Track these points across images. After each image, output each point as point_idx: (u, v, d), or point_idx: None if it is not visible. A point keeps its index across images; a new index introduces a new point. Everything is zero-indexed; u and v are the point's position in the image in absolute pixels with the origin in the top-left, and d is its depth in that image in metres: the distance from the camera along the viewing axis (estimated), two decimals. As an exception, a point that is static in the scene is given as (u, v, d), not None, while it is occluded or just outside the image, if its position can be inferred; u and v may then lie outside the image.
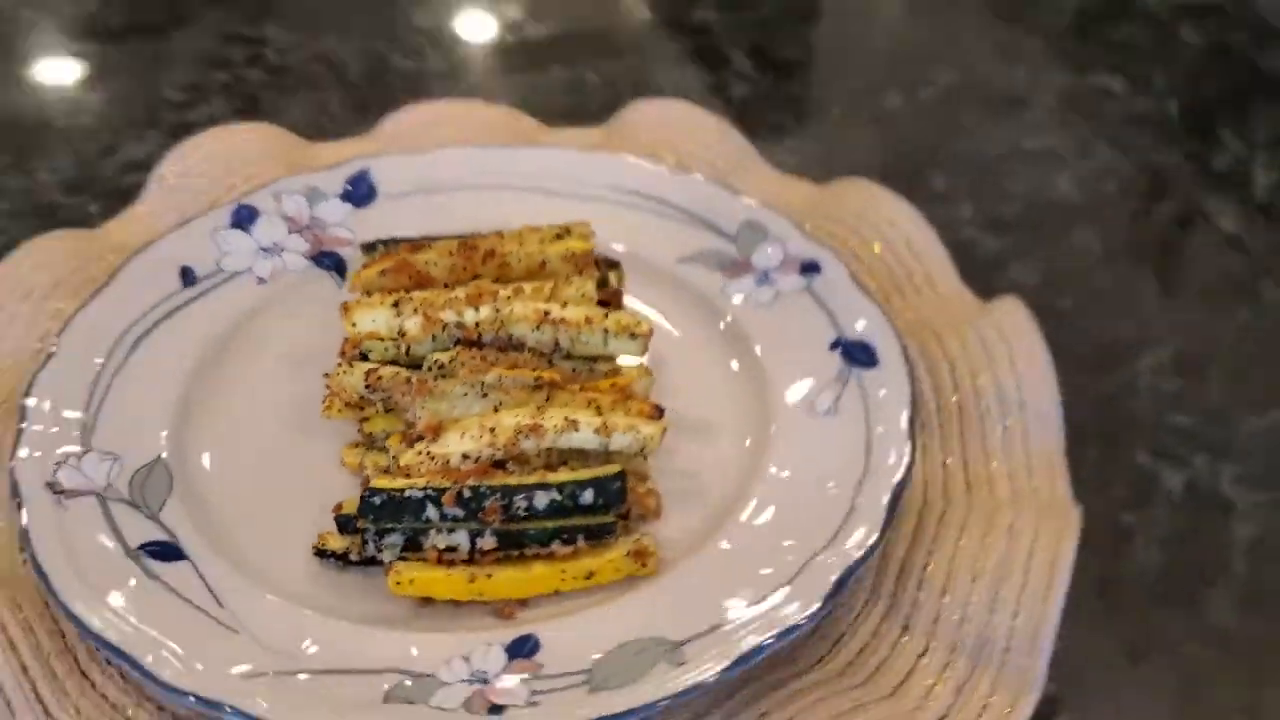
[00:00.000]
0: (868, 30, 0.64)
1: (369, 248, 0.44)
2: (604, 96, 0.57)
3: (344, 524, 0.36)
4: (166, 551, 0.36)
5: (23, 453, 0.37)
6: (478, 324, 0.38)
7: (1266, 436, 0.42)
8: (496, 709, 0.31)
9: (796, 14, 0.65)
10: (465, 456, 0.36)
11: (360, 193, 0.47)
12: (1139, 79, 0.60)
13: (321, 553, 0.36)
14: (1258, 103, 0.59)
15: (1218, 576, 0.38)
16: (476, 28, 0.63)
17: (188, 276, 0.44)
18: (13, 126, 0.56)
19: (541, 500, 0.35)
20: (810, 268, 0.44)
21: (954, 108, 0.58)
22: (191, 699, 0.31)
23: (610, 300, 0.41)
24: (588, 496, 0.35)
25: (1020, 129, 0.57)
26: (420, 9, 0.64)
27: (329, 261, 0.45)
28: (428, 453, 0.36)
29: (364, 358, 0.39)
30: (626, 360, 0.40)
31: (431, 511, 0.35)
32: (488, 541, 0.35)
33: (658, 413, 0.37)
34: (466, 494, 0.35)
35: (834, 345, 0.41)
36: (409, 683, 0.32)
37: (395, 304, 0.39)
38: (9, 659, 0.34)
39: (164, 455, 0.38)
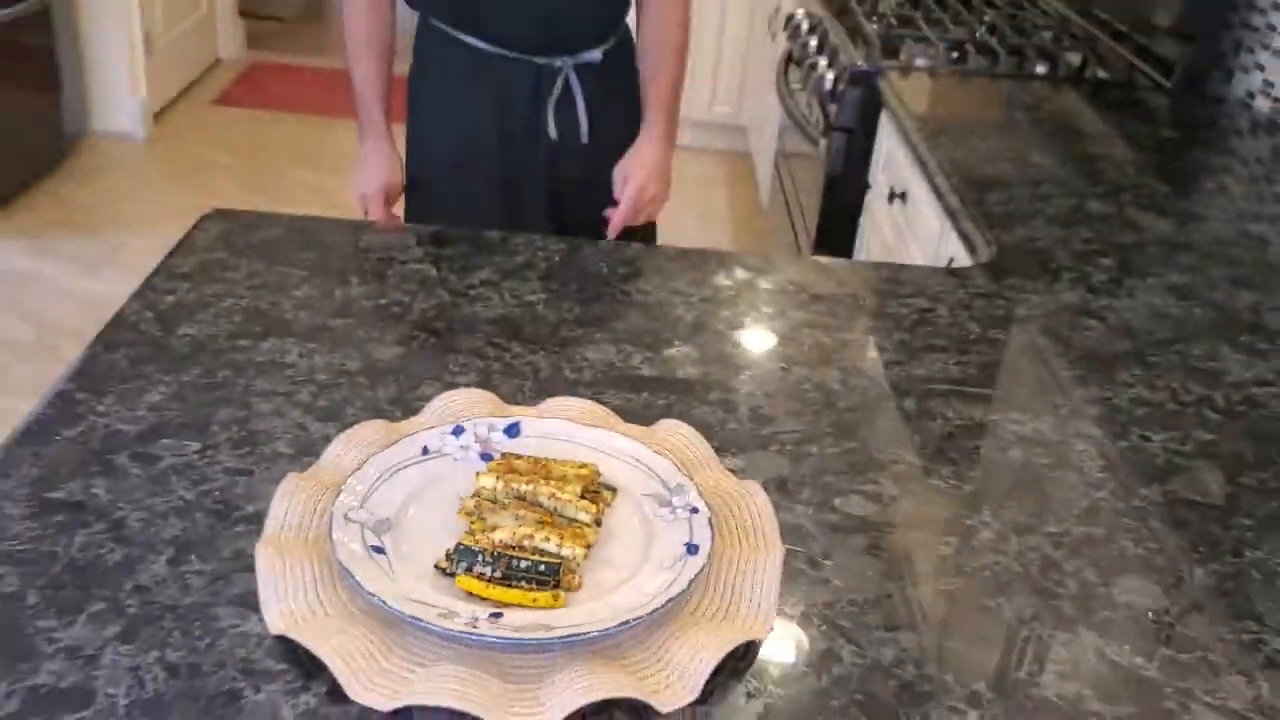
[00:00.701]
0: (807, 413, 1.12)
1: (503, 455, 0.96)
2: (660, 413, 1.08)
3: (447, 556, 0.86)
4: (379, 549, 0.87)
5: (340, 499, 0.90)
6: (524, 491, 0.89)
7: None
8: (473, 626, 0.80)
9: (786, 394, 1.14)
10: (500, 540, 0.86)
11: (513, 431, 1.00)
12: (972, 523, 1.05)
13: (437, 566, 0.87)
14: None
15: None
16: (615, 365, 1.16)
17: (425, 450, 0.97)
18: (370, 369, 1.13)
19: (523, 564, 0.84)
20: (694, 510, 0.92)
21: (845, 481, 1.05)
22: (372, 597, 0.82)
23: (590, 498, 0.91)
24: (541, 568, 0.84)
25: (863, 485, 1.03)
26: (591, 349, 1.18)
27: (486, 457, 0.98)
28: (487, 536, 0.86)
29: (478, 495, 0.90)
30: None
31: (479, 558, 0.85)
32: (496, 575, 0.84)
33: (586, 547, 0.86)
34: (494, 554, 0.85)
35: (684, 544, 0.89)
36: (447, 613, 0.81)
37: (497, 476, 0.90)
38: (309, 571, 0.86)
39: (391, 515, 0.91)
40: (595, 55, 1.62)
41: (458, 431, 0.99)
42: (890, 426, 1.11)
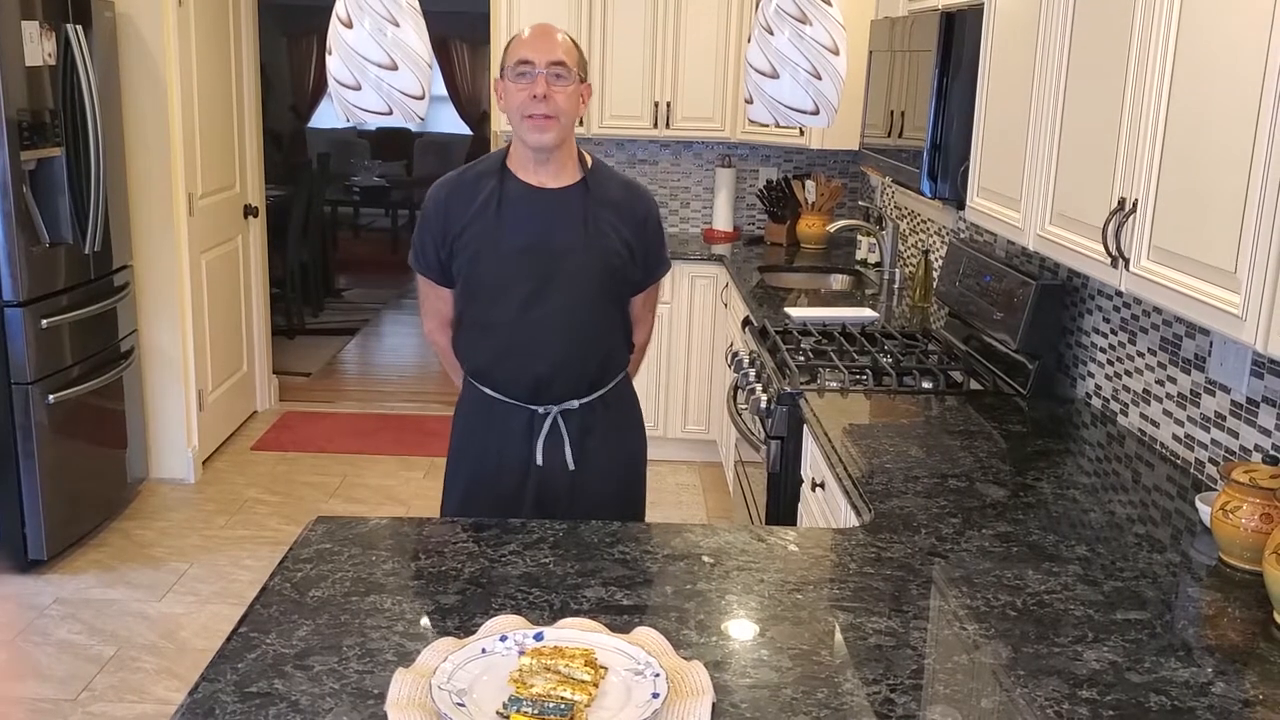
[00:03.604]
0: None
1: (534, 649, 1.51)
2: (636, 621, 1.63)
3: (504, 705, 1.40)
4: (461, 704, 1.40)
5: (434, 679, 1.44)
6: (548, 664, 1.43)
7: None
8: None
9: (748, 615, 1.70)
10: (536, 692, 1.40)
11: (539, 637, 1.55)
12: None
13: (498, 712, 1.40)
14: None
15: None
16: (604, 600, 1.72)
17: (483, 650, 1.52)
18: (440, 609, 1.68)
19: (549, 705, 1.38)
20: (657, 674, 1.46)
21: (757, 660, 1.59)
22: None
23: (593, 668, 1.45)
24: (561, 707, 1.38)
25: (770, 660, 1.57)
26: (588, 590, 1.74)
27: (522, 652, 1.52)
28: (528, 690, 1.40)
29: (521, 669, 1.45)
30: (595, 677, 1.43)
31: (523, 702, 1.38)
32: (534, 712, 1.37)
33: (589, 696, 1.40)
34: (532, 700, 1.38)
35: (651, 694, 1.42)
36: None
37: (531, 658, 1.45)
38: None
39: (467, 687, 1.44)
40: (573, 404, 2.35)
41: (504, 638, 1.54)
42: (789, 627, 1.66)
